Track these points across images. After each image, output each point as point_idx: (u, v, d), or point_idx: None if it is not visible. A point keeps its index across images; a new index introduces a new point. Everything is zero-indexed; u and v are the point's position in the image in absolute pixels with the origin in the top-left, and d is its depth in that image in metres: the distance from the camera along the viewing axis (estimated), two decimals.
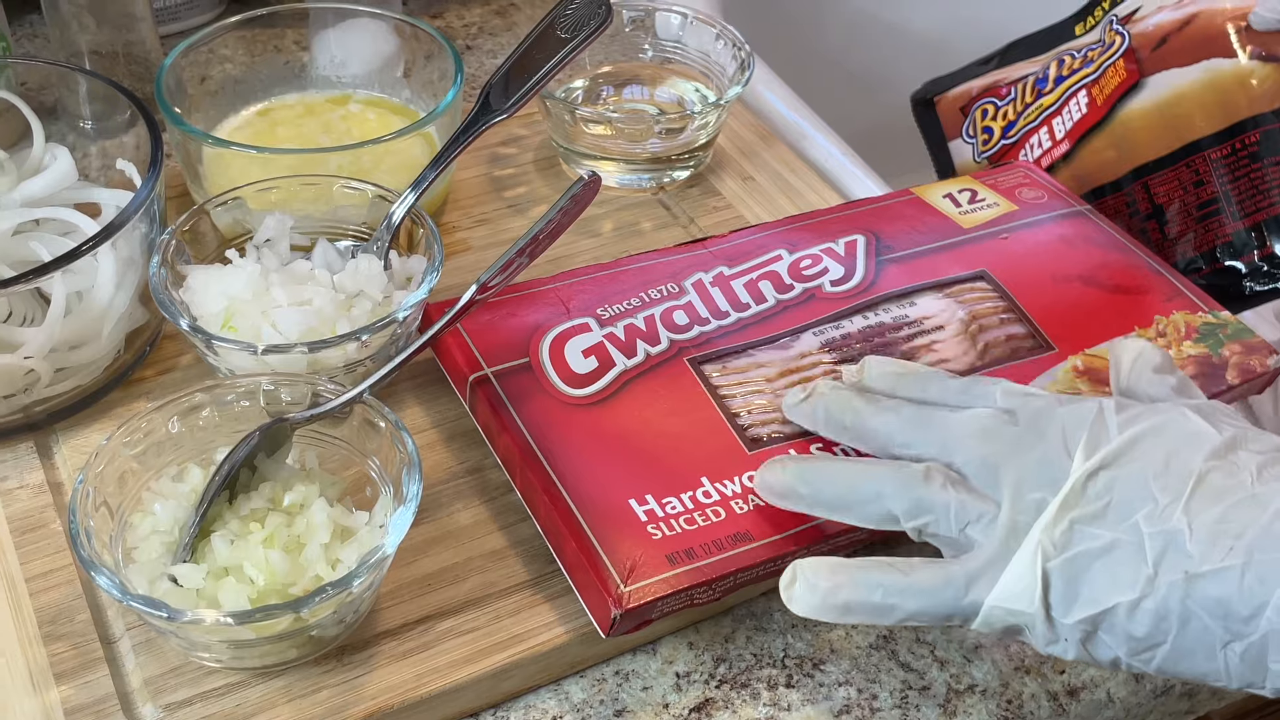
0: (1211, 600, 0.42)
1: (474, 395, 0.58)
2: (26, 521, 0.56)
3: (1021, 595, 0.45)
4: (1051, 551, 0.45)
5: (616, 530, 0.52)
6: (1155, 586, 0.43)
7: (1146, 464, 0.45)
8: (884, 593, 0.46)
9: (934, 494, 0.47)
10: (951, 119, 0.88)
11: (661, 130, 0.73)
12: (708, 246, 0.66)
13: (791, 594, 0.48)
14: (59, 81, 0.70)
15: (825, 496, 0.50)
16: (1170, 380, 0.51)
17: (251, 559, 0.49)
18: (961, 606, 0.46)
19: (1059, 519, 0.45)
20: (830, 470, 0.51)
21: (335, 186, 0.64)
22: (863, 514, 0.49)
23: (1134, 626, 0.44)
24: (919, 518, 0.48)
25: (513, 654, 0.52)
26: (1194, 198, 0.74)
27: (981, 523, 0.47)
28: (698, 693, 0.53)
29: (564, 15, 0.67)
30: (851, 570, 0.47)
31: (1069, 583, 0.44)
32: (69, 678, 0.50)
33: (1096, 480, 0.45)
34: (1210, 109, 0.73)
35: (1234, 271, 0.73)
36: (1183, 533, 0.43)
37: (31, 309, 0.60)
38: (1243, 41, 0.73)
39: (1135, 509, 0.44)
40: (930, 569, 0.47)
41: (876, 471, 0.49)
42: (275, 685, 0.50)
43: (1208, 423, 0.46)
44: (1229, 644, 0.43)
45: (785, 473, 0.51)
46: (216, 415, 0.54)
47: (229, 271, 0.59)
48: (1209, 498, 0.44)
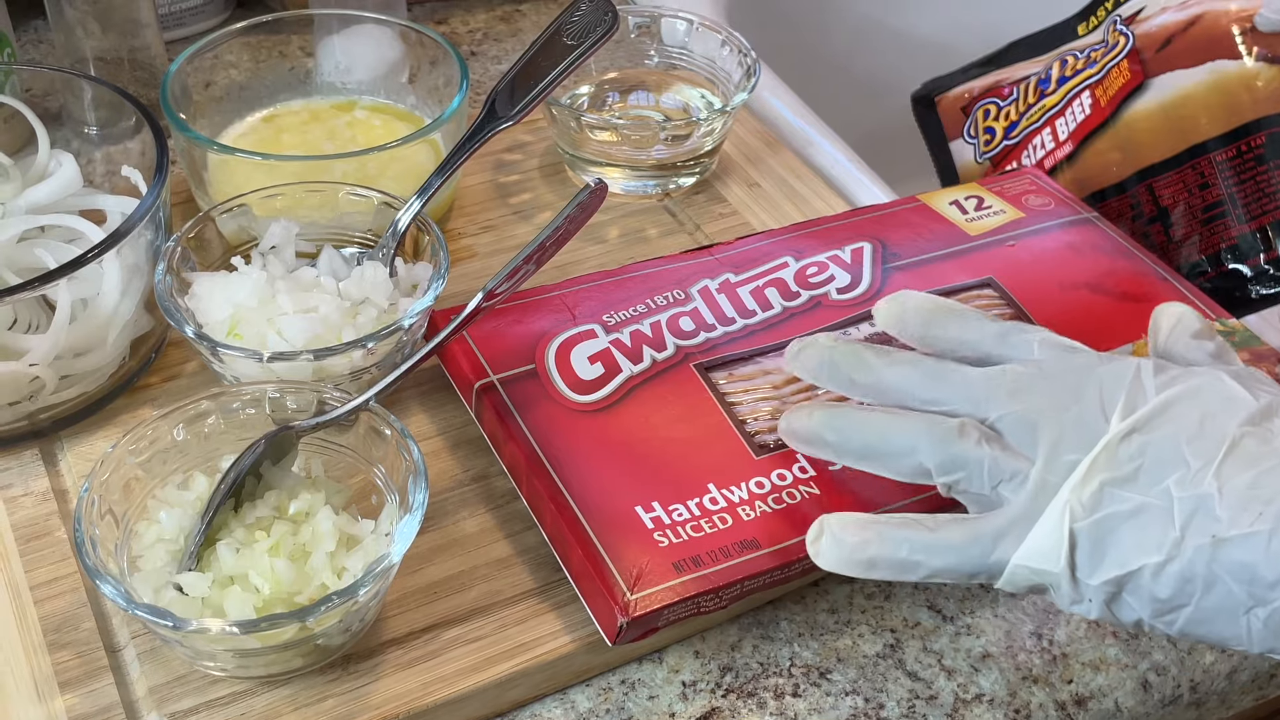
0: (1237, 564, 0.42)
1: (480, 402, 0.58)
2: (31, 529, 0.56)
3: (1048, 554, 0.45)
4: (1080, 512, 0.44)
5: (623, 538, 0.51)
6: (1182, 549, 0.43)
7: (1180, 427, 0.45)
8: (910, 548, 0.46)
9: (969, 450, 0.47)
10: (953, 119, 0.88)
11: (667, 137, 0.73)
12: (714, 253, 0.65)
13: (818, 548, 0.48)
14: (64, 88, 0.70)
15: (854, 445, 0.49)
16: (1209, 345, 0.51)
17: (257, 567, 0.49)
18: (988, 564, 0.46)
19: (1089, 480, 0.45)
20: (860, 419, 0.50)
21: (341, 193, 0.64)
22: (893, 466, 0.49)
23: (1159, 588, 0.44)
24: (952, 473, 0.47)
25: (519, 663, 0.52)
26: (1199, 200, 0.73)
27: (1014, 481, 0.46)
28: (704, 702, 0.53)
29: (570, 22, 0.67)
30: (879, 526, 0.47)
31: (1096, 544, 0.44)
32: (74, 686, 0.50)
33: (1130, 443, 0.45)
34: (1215, 111, 0.73)
35: (1239, 275, 0.72)
36: (1212, 497, 0.43)
37: (37, 316, 0.60)
38: (1248, 43, 0.73)
39: (1167, 473, 0.44)
40: (957, 526, 0.46)
41: (910, 424, 0.48)
42: (281, 694, 0.50)
43: (1244, 388, 0.46)
44: (1252, 609, 0.43)
45: (812, 419, 0.50)
46: (222, 423, 0.54)
47: (234, 279, 0.59)
48: (1241, 463, 0.44)
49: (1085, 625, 0.56)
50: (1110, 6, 0.81)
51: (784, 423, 0.52)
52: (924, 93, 0.90)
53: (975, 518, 0.47)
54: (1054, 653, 0.55)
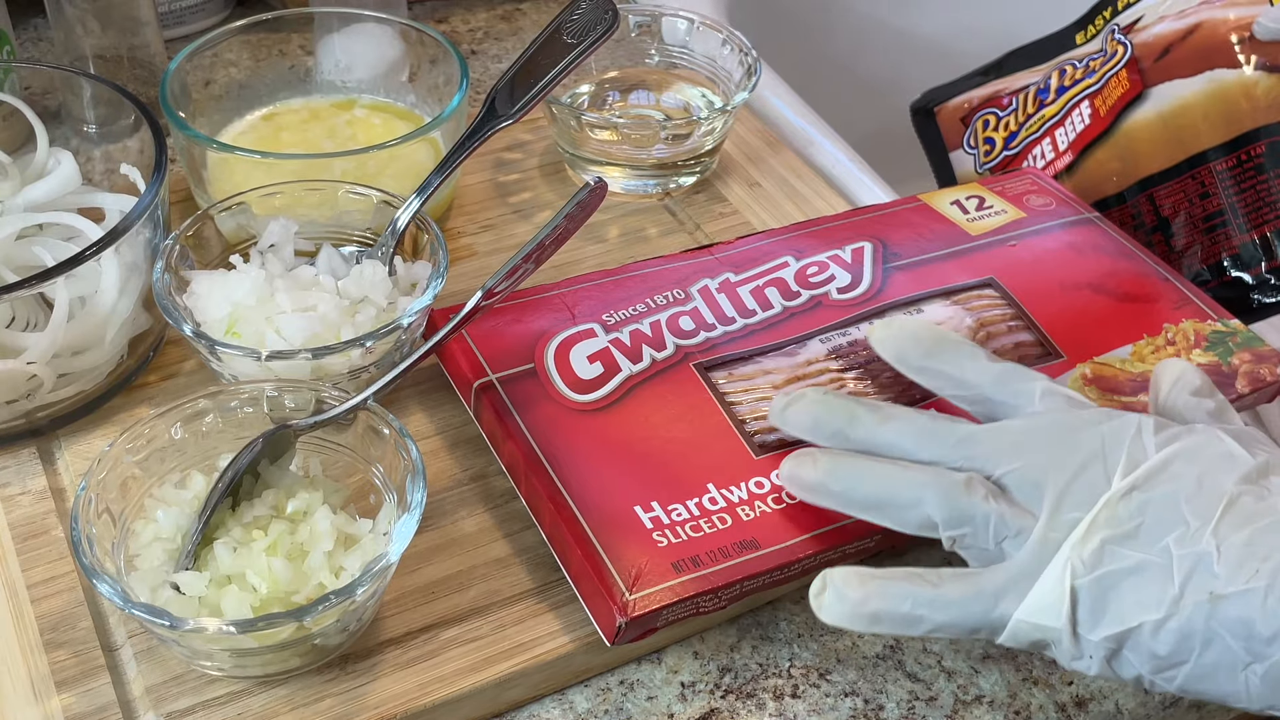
0: (1234, 621, 0.43)
1: (478, 401, 0.58)
2: (29, 528, 0.56)
3: (1050, 610, 0.45)
4: (1081, 569, 0.45)
5: (622, 538, 0.51)
6: (1181, 607, 0.44)
7: (1179, 486, 0.45)
8: (913, 603, 0.46)
9: (977, 505, 0.47)
10: (952, 129, 0.87)
11: (668, 136, 0.73)
12: (714, 253, 0.65)
13: (821, 602, 0.48)
14: (63, 85, 0.70)
15: (859, 496, 0.49)
16: (1208, 404, 0.52)
17: (254, 567, 0.49)
18: (990, 620, 0.46)
19: (1090, 537, 0.45)
20: (866, 470, 0.50)
21: (340, 192, 0.64)
22: (898, 518, 0.49)
23: (1158, 645, 0.44)
24: (959, 528, 0.47)
25: (517, 663, 0.52)
26: (1200, 210, 0.73)
27: (1018, 538, 0.47)
28: (703, 702, 0.53)
29: (570, 20, 0.67)
30: (881, 581, 0.47)
31: (1097, 600, 0.45)
32: (70, 686, 0.50)
33: (1130, 500, 0.45)
34: (1214, 120, 0.73)
35: (1241, 284, 0.72)
36: (1211, 554, 0.44)
37: (35, 314, 0.59)
38: (1246, 52, 0.72)
39: (1166, 531, 0.45)
40: (960, 581, 0.47)
41: (917, 476, 0.48)
42: (278, 694, 0.50)
43: (1242, 446, 0.47)
44: (1250, 665, 0.43)
45: (817, 467, 0.50)
46: (220, 422, 0.54)
47: (233, 277, 0.59)
48: (1238, 521, 0.44)
49: None
50: (1108, 15, 0.81)
51: (786, 469, 0.52)
52: (923, 103, 0.90)
53: (977, 573, 0.47)
54: None
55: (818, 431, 0.52)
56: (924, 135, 0.90)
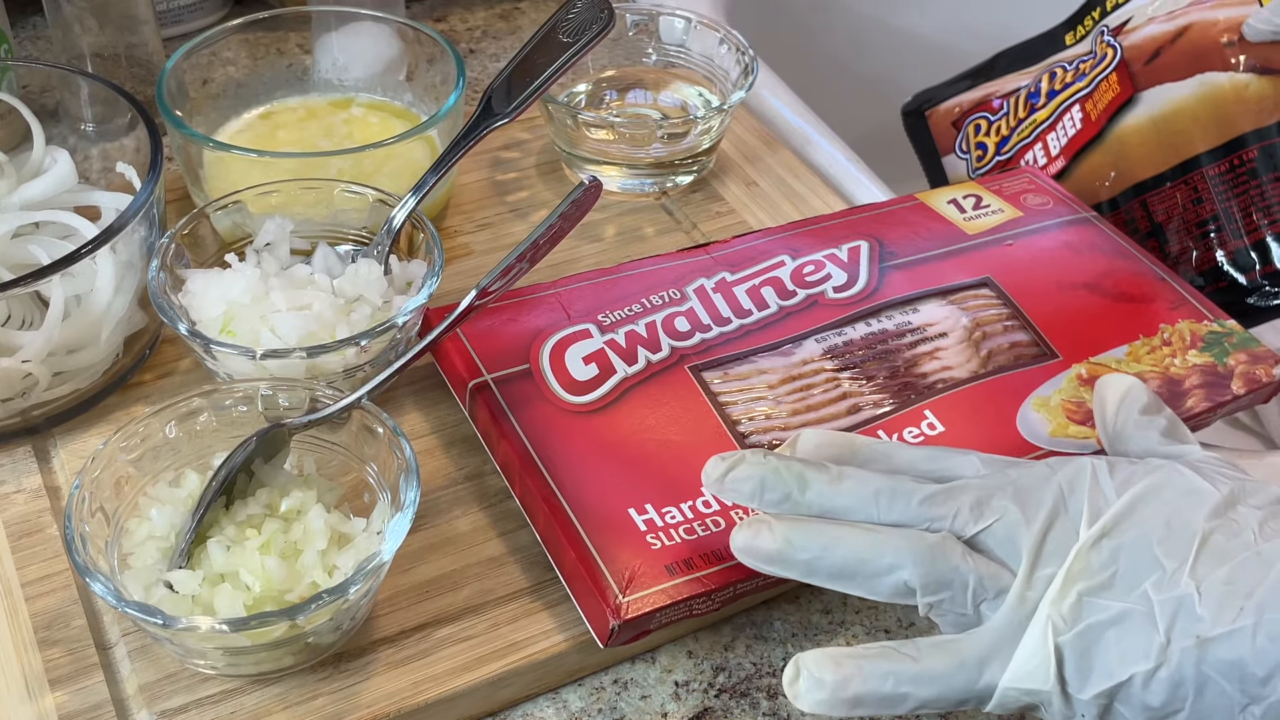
0: (1226, 664, 0.42)
1: (473, 401, 0.58)
2: (23, 526, 0.56)
3: (1036, 673, 0.44)
4: (1062, 626, 0.43)
5: (615, 540, 0.51)
6: (1169, 654, 0.42)
7: (1148, 529, 0.44)
8: (895, 682, 0.44)
9: (955, 567, 0.45)
10: (944, 133, 0.87)
11: (664, 135, 0.73)
12: (710, 252, 0.65)
13: (797, 690, 0.44)
14: (60, 84, 0.70)
15: (826, 565, 0.46)
16: (1160, 423, 0.50)
17: (248, 565, 0.49)
18: (976, 690, 0.44)
19: (1066, 591, 0.44)
20: (831, 535, 0.46)
21: (336, 190, 0.63)
22: (873, 586, 0.45)
23: (1150, 697, 0.43)
24: (938, 593, 0.45)
25: (510, 662, 0.52)
26: (1193, 215, 0.73)
27: (997, 600, 0.45)
28: (696, 702, 0.53)
29: (566, 19, 0.66)
30: (858, 661, 0.44)
31: (1082, 657, 0.43)
32: (64, 684, 0.50)
33: (1100, 550, 0.44)
34: (1206, 124, 0.73)
35: (1236, 289, 0.72)
36: (1192, 597, 0.43)
37: (30, 312, 0.59)
38: (1236, 54, 0.72)
39: (1142, 577, 0.43)
40: (940, 653, 0.44)
41: (890, 540, 0.45)
42: (271, 692, 0.50)
43: (1204, 479, 0.46)
44: (1247, 707, 0.42)
45: (775, 536, 0.46)
46: (214, 420, 0.54)
47: (228, 276, 0.59)
48: (1214, 559, 0.43)
49: None
50: (1097, 16, 0.81)
51: (740, 540, 0.47)
52: (914, 106, 0.90)
53: (956, 640, 0.45)
54: None
55: (764, 498, 0.47)
56: (916, 139, 0.90)
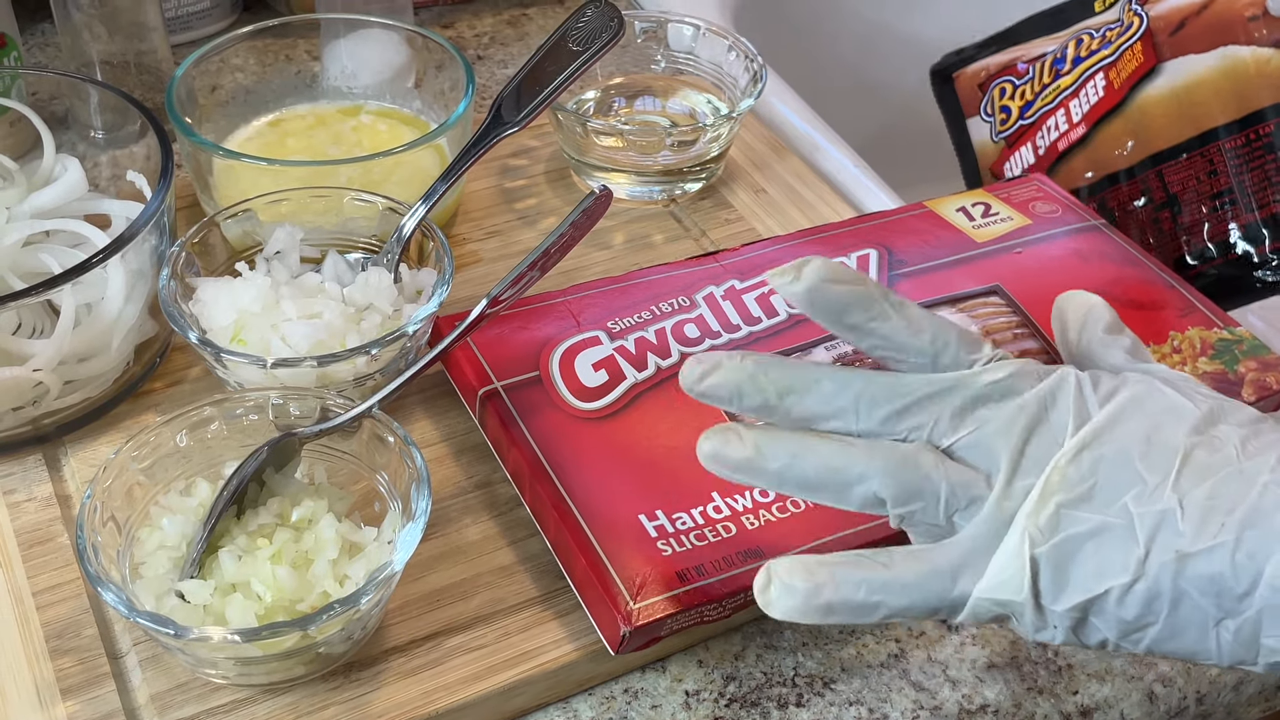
0: (1204, 579, 0.42)
1: (483, 409, 0.58)
2: (34, 535, 0.56)
3: (1009, 584, 0.43)
4: (1039, 537, 0.43)
5: (626, 546, 0.51)
6: (1147, 568, 0.42)
7: (1129, 443, 0.44)
8: (868, 589, 0.43)
9: (927, 478, 0.44)
10: (969, 96, 0.87)
11: (673, 142, 0.73)
12: (719, 260, 0.65)
13: (768, 598, 0.44)
14: (70, 91, 0.70)
15: (795, 474, 0.45)
16: (1124, 341, 0.50)
17: (259, 575, 0.49)
18: (949, 600, 0.44)
19: (1044, 503, 0.43)
20: (802, 444, 0.45)
21: (346, 199, 0.64)
22: (843, 496, 0.45)
23: (1125, 610, 0.43)
24: (908, 504, 0.44)
25: (521, 671, 0.52)
26: (1208, 187, 0.73)
27: (970, 509, 0.44)
28: (707, 711, 0.53)
29: (576, 27, 0.67)
30: (831, 568, 0.44)
31: (1058, 569, 0.43)
32: (75, 693, 0.50)
33: (1080, 462, 0.43)
34: (1226, 97, 0.72)
35: (1246, 262, 0.72)
36: (1174, 511, 0.42)
37: (41, 321, 0.60)
38: (1260, 28, 0.72)
39: (1123, 490, 0.43)
40: (913, 561, 0.44)
41: (859, 449, 0.44)
42: (282, 702, 0.50)
43: (1183, 396, 0.45)
44: (1221, 621, 0.42)
45: (745, 443, 0.45)
46: (225, 429, 0.54)
47: (239, 284, 0.59)
48: (1197, 475, 0.43)
49: None
50: None
51: (707, 446, 0.46)
52: (942, 66, 0.90)
53: (930, 549, 0.44)
54: (1059, 664, 0.55)
55: (741, 403, 0.46)
56: (942, 101, 0.90)
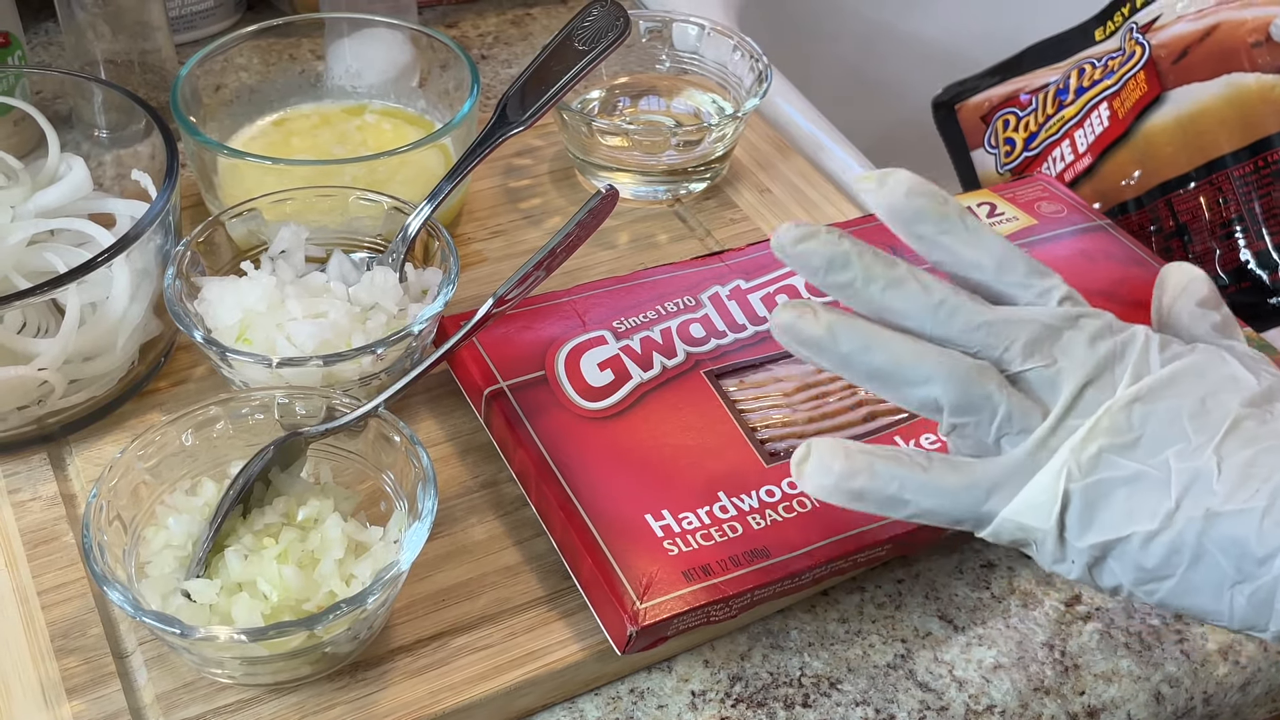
0: (1228, 539, 0.42)
1: (489, 409, 0.57)
2: (39, 534, 0.56)
3: (1038, 511, 0.44)
4: (1077, 473, 0.44)
5: (632, 546, 0.51)
6: (1174, 520, 0.43)
7: (1183, 402, 0.45)
8: (900, 485, 0.45)
9: (989, 394, 0.45)
10: (973, 128, 0.87)
11: (678, 142, 0.73)
12: (724, 259, 0.65)
13: (803, 470, 0.45)
14: (74, 90, 0.70)
15: (862, 362, 0.46)
16: (1214, 317, 0.51)
17: (265, 574, 0.49)
18: (978, 513, 0.45)
19: (1089, 443, 0.44)
20: (876, 335, 0.46)
21: (350, 198, 0.63)
22: (904, 394, 0.46)
23: (1145, 558, 0.43)
24: (964, 415, 0.45)
25: (527, 671, 0.52)
26: (1218, 216, 0.73)
27: (1019, 435, 0.45)
28: (713, 711, 0.53)
29: (582, 26, 0.66)
30: (870, 457, 0.45)
31: (1088, 506, 0.44)
32: (81, 693, 0.50)
33: (1132, 411, 0.44)
34: (1232, 125, 0.73)
35: (1259, 289, 0.72)
36: (1211, 472, 0.43)
37: (46, 320, 0.59)
38: (1264, 54, 0.72)
39: (1167, 444, 0.44)
40: (951, 470, 0.45)
41: (930, 353, 0.46)
42: (288, 701, 0.50)
43: (1247, 369, 0.46)
44: (1237, 584, 0.43)
45: (819, 322, 0.46)
46: (230, 428, 0.54)
47: (244, 283, 0.59)
48: (1241, 441, 0.44)
49: (1098, 636, 0.56)
50: (1127, 12, 0.81)
51: (783, 317, 0.46)
52: (945, 99, 0.90)
53: (970, 462, 0.46)
54: (1066, 664, 0.55)
55: (827, 277, 0.47)
56: (945, 132, 0.90)
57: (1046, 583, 0.58)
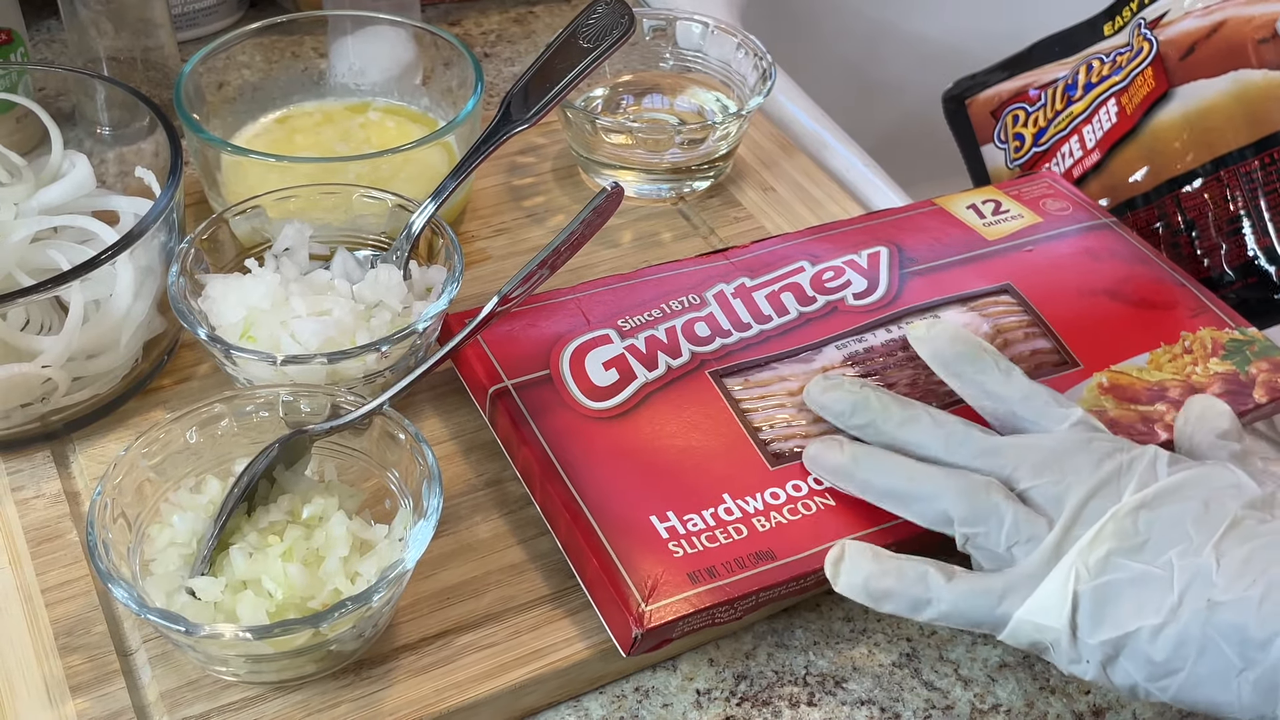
0: (1229, 626, 0.44)
1: (494, 407, 0.57)
2: (43, 532, 0.56)
3: (1051, 612, 0.47)
4: (1085, 575, 0.47)
5: (637, 547, 0.51)
6: (1179, 613, 0.45)
7: (1187, 507, 0.48)
8: (924, 588, 0.48)
9: (995, 505, 0.49)
10: (983, 123, 0.87)
11: (682, 140, 0.72)
12: (729, 257, 0.65)
13: (838, 570, 0.50)
14: (77, 88, 0.70)
15: (880, 484, 0.51)
16: (1233, 446, 0.54)
17: (270, 572, 0.49)
18: (993, 616, 0.48)
19: (1096, 546, 0.47)
20: (891, 461, 0.52)
21: (354, 195, 0.63)
22: (916, 510, 0.51)
23: (1155, 651, 0.46)
24: (975, 526, 0.49)
25: (532, 670, 0.51)
26: (1225, 211, 0.73)
27: (1029, 544, 0.48)
28: (718, 710, 0.53)
29: (586, 24, 0.66)
30: (899, 562, 0.49)
31: (1097, 605, 0.47)
32: (85, 690, 0.50)
33: (1138, 518, 0.48)
34: (1239, 122, 0.72)
35: (1267, 284, 0.72)
36: (1211, 567, 0.46)
37: (49, 317, 0.59)
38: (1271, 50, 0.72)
39: (1170, 545, 0.47)
40: (970, 577, 0.49)
41: (938, 473, 0.51)
42: (293, 699, 0.50)
43: (1251, 478, 0.49)
44: (1243, 672, 0.45)
45: (844, 453, 0.52)
46: (235, 426, 0.54)
47: (248, 281, 0.59)
48: (1240, 538, 0.46)
49: None
50: (1135, 7, 0.80)
51: (813, 450, 0.53)
52: (955, 93, 0.90)
53: (985, 574, 0.49)
54: None
55: (851, 419, 0.54)
56: (955, 126, 0.90)
57: None
